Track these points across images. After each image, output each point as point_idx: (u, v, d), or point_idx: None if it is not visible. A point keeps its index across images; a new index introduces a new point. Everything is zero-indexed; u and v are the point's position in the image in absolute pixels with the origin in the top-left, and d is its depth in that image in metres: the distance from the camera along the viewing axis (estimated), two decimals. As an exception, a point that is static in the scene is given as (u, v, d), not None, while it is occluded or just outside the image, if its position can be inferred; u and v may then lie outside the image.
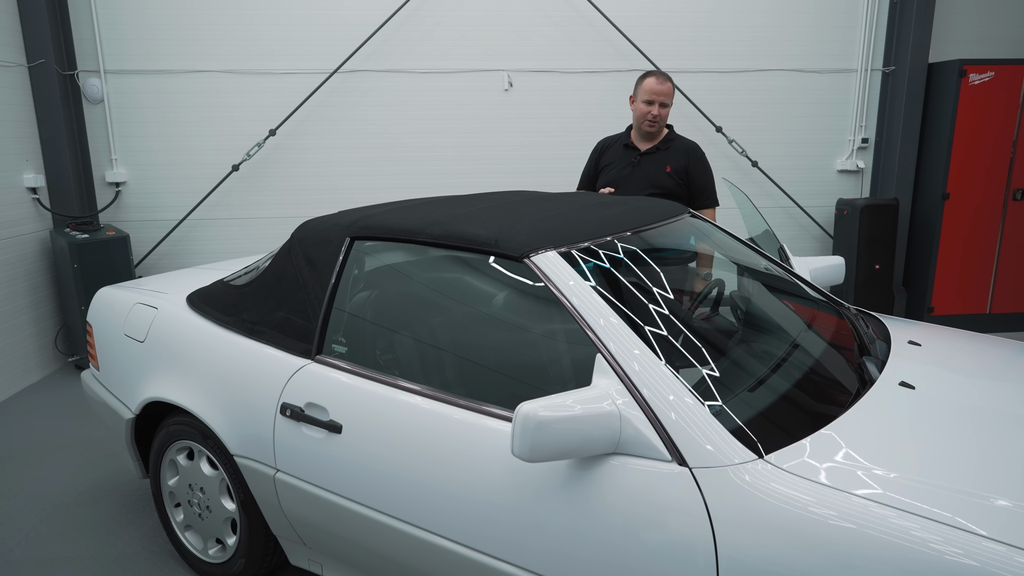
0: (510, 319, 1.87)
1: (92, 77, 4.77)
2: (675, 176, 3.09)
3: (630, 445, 1.47)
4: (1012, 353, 2.07)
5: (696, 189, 3.13)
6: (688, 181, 3.12)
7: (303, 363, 2.02)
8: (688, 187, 3.12)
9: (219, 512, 2.30)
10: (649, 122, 3.05)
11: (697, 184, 3.12)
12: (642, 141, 3.16)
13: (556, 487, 1.53)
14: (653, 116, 3.02)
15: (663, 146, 3.13)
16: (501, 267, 1.84)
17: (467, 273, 1.96)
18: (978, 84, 4.87)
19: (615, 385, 1.52)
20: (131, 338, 2.51)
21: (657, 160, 3.12)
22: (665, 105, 3.03)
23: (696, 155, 3.13)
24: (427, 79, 5.01)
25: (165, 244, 5.04)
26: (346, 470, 1.85)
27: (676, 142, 3.14)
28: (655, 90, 3.01)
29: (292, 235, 2.27)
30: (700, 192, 3.13)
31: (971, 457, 1.42)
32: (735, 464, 1.40)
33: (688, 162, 3.10)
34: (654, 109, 3.01)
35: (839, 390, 1.73)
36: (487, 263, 1.87)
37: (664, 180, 3.09)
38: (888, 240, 5.10)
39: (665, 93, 3.01)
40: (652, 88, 3.01)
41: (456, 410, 1.72)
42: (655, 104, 3.01)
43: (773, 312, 2.13)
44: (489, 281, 1.93)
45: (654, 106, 3.01)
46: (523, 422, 1.38)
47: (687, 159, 3.10)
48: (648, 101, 3.02)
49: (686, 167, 3.10)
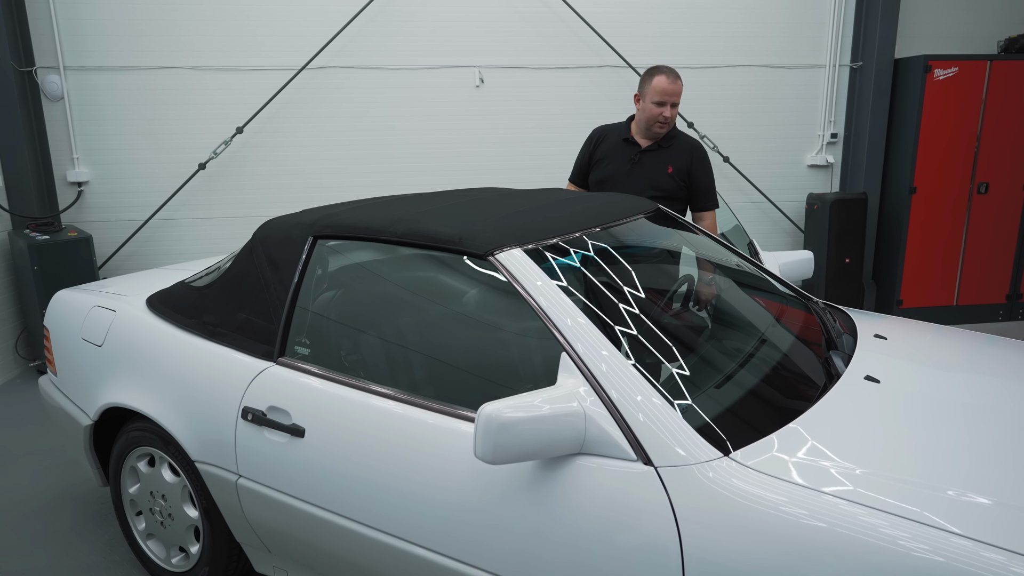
0: (475, 318, 1.84)
1: (51, 74, 4.63)
2: (677, 177, 2.89)
3: (595, 445, 1.45)
4: (977, 345, 2.09)
5: (698, 191, 2.94)
6: (690, 182, 2.93)
7: (265, 366, 1.98)
8: (689, 188, 2.94)
9: (181, 520, 2.24)
10: (660, 123, 2.83)
11: (699, 186, 2.93)
12: (643, 137, 2.93)
13: (522, 488, 1.50)
14: (664, 118, 2.80)
15: (665, 143, 2.91)
16: (466, 265, 1.81)
17: (431, 272, 1.92)
18: (942, 79, 4.94)
19: (581, 384, 1.50)
20: (89, 342, 2.43)
21: (659, 159, 2.91)
22: (676, 105, 2.82)
23: (700, 155, 2.93)
24: (397, 75, 4.96)
25: (131, 245, 4.92)
26: (309, 475, 1.81)
27: (679, 139, 2.93)
28: (667, 90, 2.77)
29: (254, 234, 2.22)
30: (701, 194, 2.95)
31: (936, 450, 1.43)
32: (700, 462, 1.38)
33: (692, 162, 2.90)
34: (666, 111, 2.78)
35: (806, 385, 1.72)
36: (452, 261, 1.84)
37: (665, 181, 2.89)
38: (857, 234, 5.16)
39: (678, 93, 2.80)
40: (664, 88, 2.77)
41: (420, 412, 1.69)
42: (667, 105, 2.78)
43: (741, 308, 2.13)
44: (454, 279, 1.90)
45: (666, 107, 2.78)
46: (486, 423, 1.35)
47: (690, 159, 2.90)
48: (659, 102, 2.79)
49: (689, 167, 2.90)
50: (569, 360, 1.53)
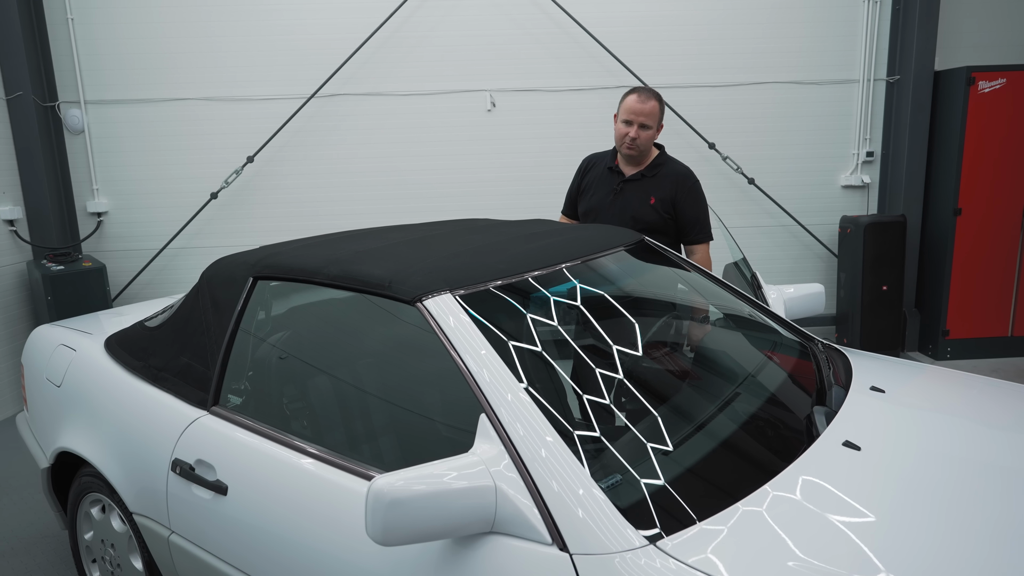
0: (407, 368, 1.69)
1: (73, 107, 4.76)
2: (660, 208, 2.68)
3: (508, 524, 1.27)
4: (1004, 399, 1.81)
5: (685, 222, 2.71)
6: (676, 214, 2.70)
7: (198, 415, 1.87)
8: (675, 220, 2.72)
9: (128, 571, 2.15)
10: (627, 145, 2.65)
11: (686, 217, 2.70)
12: (627, 165, 2.75)
13: (431, 567, 1.33)
14: (631, 139, 2.62)
15: (649, 172, 2.72)
16: (401, 310, 1.66)
17: (370, 317, 1.79)
18: (988, 92, 4.57)
19: (497, 451, 1.32)
20: (51, 382, 2.39)
21: (641, 189, 2.71)
22: (646, 127, 2.61)
23: (686, 184, 2.70)
24: (407, 102, 4.90)
25: (147, 274, 4.98)
26: (230, 535, 1.68)
27: (665, 167, 2.73)
28: (634, 109, 2.60)
29: (202, 274, 2.13)
30: (689, 226, 2.71)
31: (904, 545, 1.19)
32: (621, 551, 1.18)
33: (676, 192, 2.68)
34: (632, 131, 2.61)
35: (773, 452, 1.50)
36: (388, 306, 1.70)
37: (647, 213, 2.68)
38: (895, 259, 4.79)
39: (646, 113, 2.59)
40: (631, 107, 2.61)
41: (339, 473, 1.54)
42: (634, 125, 2.61)
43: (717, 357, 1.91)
44: (390, 326, 1.75)
45: (632, 127, 2.61)
46: (374, 500, 1.19)
47: (674, 188, 2.68)
48: (627, 121, 2.62)
49: (673, 197, 2.68)
50: (487, 422, 1.36)
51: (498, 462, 1.30)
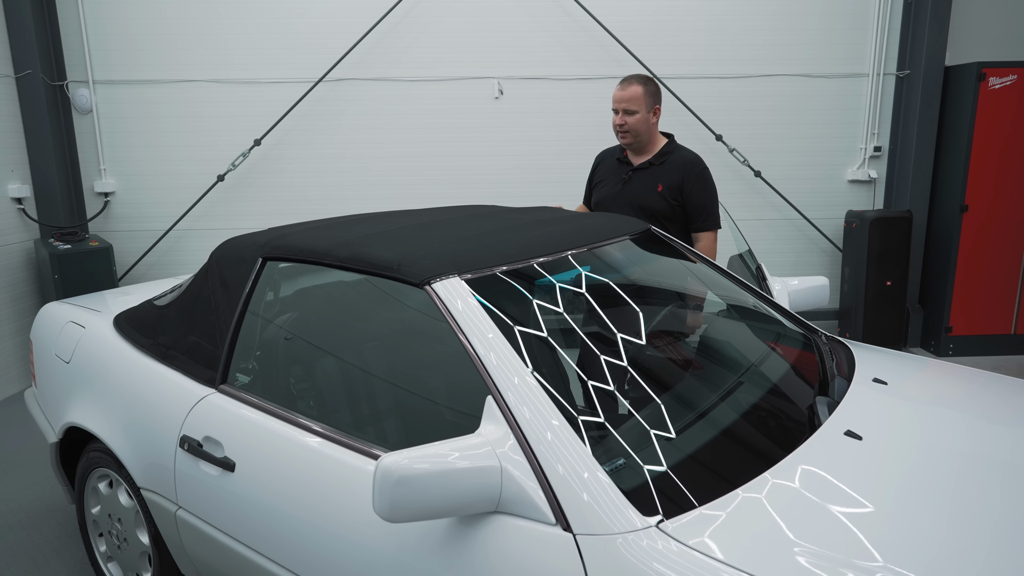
0: (414, 351, 1.71)
1: (81, 87, 4.76)
2: (667, 196, 2.71)
3: (513, 504, 1.29)
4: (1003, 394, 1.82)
5: (692, 209, 2.72)
6: (683, 200, 2.73)
7: (207, 393, 1.89)
8: (683, 207, 2.74)
9: (135, 545, 2.18)
10: (620, 134, 2.76)
11: (693, 203, 2.72)
12: (635, 155, 2.81)
13: (436, 545, 1.36)
14: (618, 125, 2.73)
15: (657, 160, 2.75)
16: (409, 292, 1.68)
17: (376, 299, 1.80)
18: (999, 88, 4.54)
19: (504, 432, 1.34)
20: (59, 358, 2.41)
21: (648, 177, 2.75)
22: (631, 112, 2.68)
23: (694, 170, 2.72)
24: (415, 87, 4.89)
25: (153, 254, 5.00)
26: (237, 511, 1.71)
27: (673, 155, 2.76)
28: (616, 96, 2.72)
29: (212, 253, 2.15)
30: (695, 212, 2.73)
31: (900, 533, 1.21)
32: (624, 532, 1.21)
33: (683, 178, 2.70)
34: (617, 118, 2.72)
35: (775, 440, 1.52)
36: (396, 288, 1.71)
37: (654, 201, 2.72)
38: (900, 255, 4.79)
39: (627, 99, 2.68)
40: (614, 95, 2.74)
41: (346, 453, 1.56)
42: (619, 112, 2.71)
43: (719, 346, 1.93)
44: (399, 308, 1.77)
45: (618, 114, 2.72)
46: (382, 477, 1.21)
47: (682, 175, 2.71)
48: (614, 110, 2.74)
49: (680, 184, 2.71)
50: (493, 405, 1.38)
51: (504, 443, 1.32)
